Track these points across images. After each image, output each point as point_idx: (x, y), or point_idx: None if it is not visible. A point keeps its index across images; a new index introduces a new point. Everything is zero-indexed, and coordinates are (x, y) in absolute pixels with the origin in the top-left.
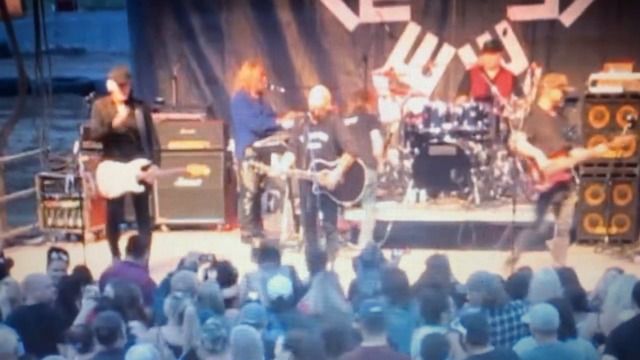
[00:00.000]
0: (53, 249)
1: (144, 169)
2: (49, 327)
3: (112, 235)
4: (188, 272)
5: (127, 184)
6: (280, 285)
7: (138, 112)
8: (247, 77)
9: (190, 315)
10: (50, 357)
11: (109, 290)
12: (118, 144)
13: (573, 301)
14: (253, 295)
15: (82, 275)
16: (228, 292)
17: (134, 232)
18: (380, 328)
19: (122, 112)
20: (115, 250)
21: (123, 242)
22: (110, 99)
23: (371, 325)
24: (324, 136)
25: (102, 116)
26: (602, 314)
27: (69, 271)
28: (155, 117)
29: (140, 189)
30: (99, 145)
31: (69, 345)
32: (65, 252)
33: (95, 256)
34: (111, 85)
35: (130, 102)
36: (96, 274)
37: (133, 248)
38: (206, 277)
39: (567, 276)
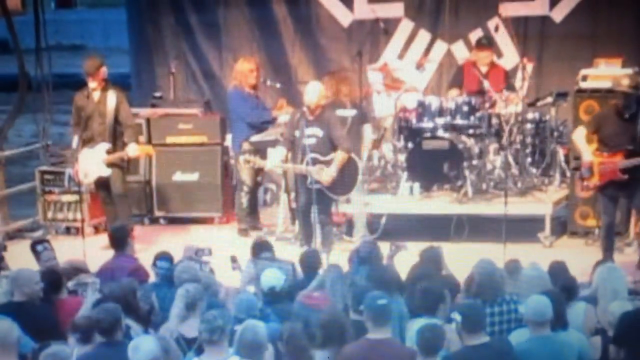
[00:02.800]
0: (35, 243)
1: (108, 152)
2: (40, 324)
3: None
4: (191, 263)
5: (98, 168)
6: (272, 277)
7: (110, 98)
8: (239, 73)
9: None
10: (54, 347)
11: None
12: (90, 130)
13: (566, 291)
14: (251, 289)
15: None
16: None
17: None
18: (386, 320)
19: (95, 99)
20: None
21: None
22: (86, 89)
23: (377, 318)
24: (319, 132)
25: (77, 106)
26: (598, 307)
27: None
28: (153, 111)
29: (108, 171)
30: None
31: (69, 335)
32: (48, 241)
33: (94, 249)
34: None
35: (104, 89)
36: (95, 267)
37: (114, 242)
38: (200, 269)
39: (558, 269)
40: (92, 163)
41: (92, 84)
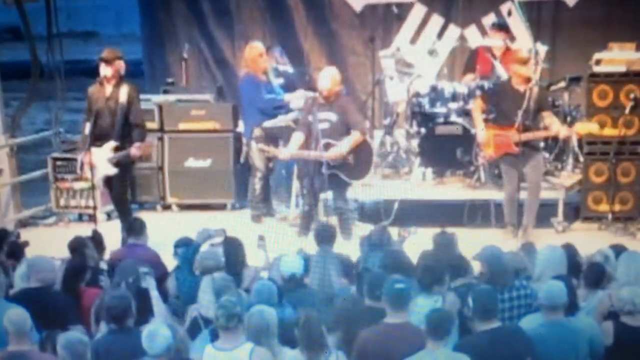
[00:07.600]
0: None
1: (115, 149)
2: (54, 310)
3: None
4: (216, 248)
5: (105, 167)
6: (292, 264)
7: (122, 95)
8: (249, 60)
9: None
10: (72, 333)
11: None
12: (99, 126)
13: (593, 279)
14: (265, 275)
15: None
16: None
17: (145, 213)
18: (404, 305)
19: (106, 93)
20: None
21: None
22: (99, 79)
23: (395, 302)
24: (332, 116)
25: (89, 97)
26: (614, 291)
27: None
28: (166, 98)
29: (113, 170)
30: None
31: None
32: None
33: (107, 236)
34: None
35: (117, 85)
36: (108, 254)
37: (131, 230)
38: None
39: (569, 253)
40: (99, 161)
41: (106, 70)
